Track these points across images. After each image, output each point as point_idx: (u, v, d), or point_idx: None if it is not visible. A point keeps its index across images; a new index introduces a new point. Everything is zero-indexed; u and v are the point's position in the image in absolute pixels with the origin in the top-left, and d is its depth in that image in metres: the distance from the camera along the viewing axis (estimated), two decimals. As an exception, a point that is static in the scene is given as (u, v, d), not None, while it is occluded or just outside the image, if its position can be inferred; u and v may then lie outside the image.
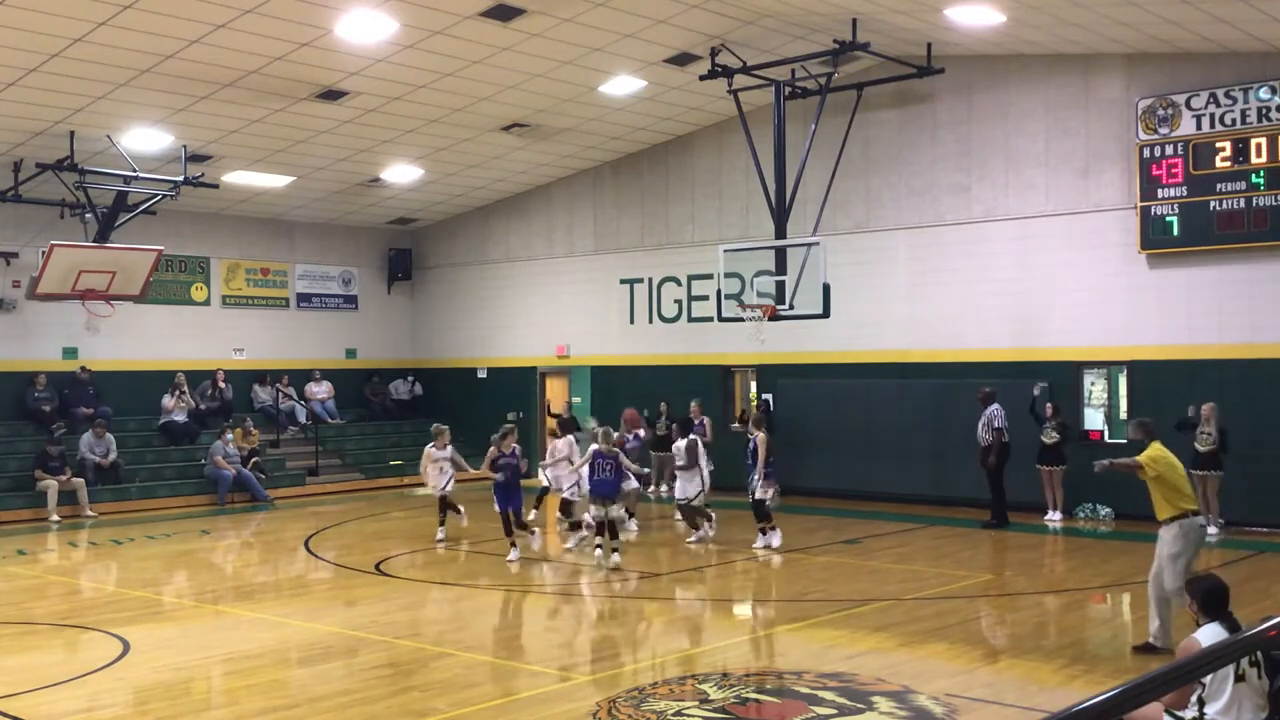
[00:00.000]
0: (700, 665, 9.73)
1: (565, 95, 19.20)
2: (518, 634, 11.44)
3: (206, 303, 24.52)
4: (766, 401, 20.99)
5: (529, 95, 18.96)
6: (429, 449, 16.49)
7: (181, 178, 19.53)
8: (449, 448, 16.36)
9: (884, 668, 9.14)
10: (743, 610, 12.43)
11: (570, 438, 16.97)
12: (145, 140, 19.04)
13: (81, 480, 19.88)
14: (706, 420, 19.94)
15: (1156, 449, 9.76)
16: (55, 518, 19.23)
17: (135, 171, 19.14)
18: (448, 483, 16.24)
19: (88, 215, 19.53)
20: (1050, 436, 17.26)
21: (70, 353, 22.39)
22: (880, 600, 12.03)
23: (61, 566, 15.80)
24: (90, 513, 19.62)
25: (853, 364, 20.26)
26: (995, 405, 17.17)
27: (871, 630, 10.61)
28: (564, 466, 16.46)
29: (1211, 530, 15.37)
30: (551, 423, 18.92)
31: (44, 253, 18.91)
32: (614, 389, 23.49)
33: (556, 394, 24.73)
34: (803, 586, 13.09)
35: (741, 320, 17.29)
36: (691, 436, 15.87)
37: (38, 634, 11.10)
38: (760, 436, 14.89)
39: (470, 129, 20.52)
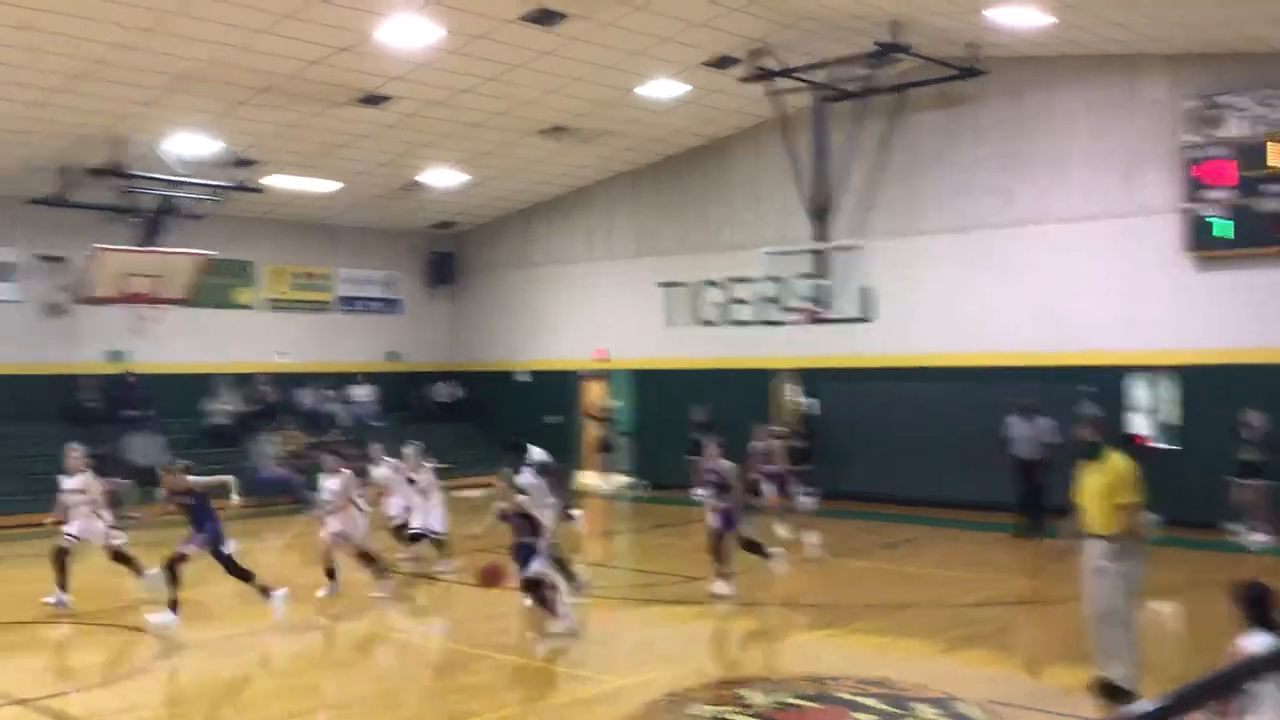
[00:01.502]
0: (741, 670, 9.70)
1: (605, 99, 19.24)
2: (560, 641, 11.44)
3: (250, 306, 24.80)
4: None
5: (569, 99, 19.02)
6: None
7: (226, 182, 19.77)
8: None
9: (925, 674, 9.08)
10: (782, 615, 12.39)
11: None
12: (191, 145, 19.26)
13: (129, 482, 20.12)
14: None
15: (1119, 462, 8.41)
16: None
17: (181, 176, 19.39)
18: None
19: (134, 220, 19.80)
20: (1253, 453, 15.55)
21: (116, 355, 22.69)
22: (921, 606, 11.95)
23: (110, 567, 15.98)
24: (135, 514, 19.86)
25: (893, 368, 20.13)
26: (1044, 418, 16.55)
27: (912, 636, 10.53)
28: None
29: (1260, 539, 15.14)
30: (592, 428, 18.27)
31: (91, 257, 19.18)
32: (653, 393, 23.51)
33: (595, 397, 24.78)
34: (842, 592, 13.02)
35: (782, 324, 17.22)
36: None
37: (89, 634, 11.24)
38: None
39: (511, 133, 20.61)
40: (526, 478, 12.59)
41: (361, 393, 25.58)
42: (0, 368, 21.38)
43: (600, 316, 24.85)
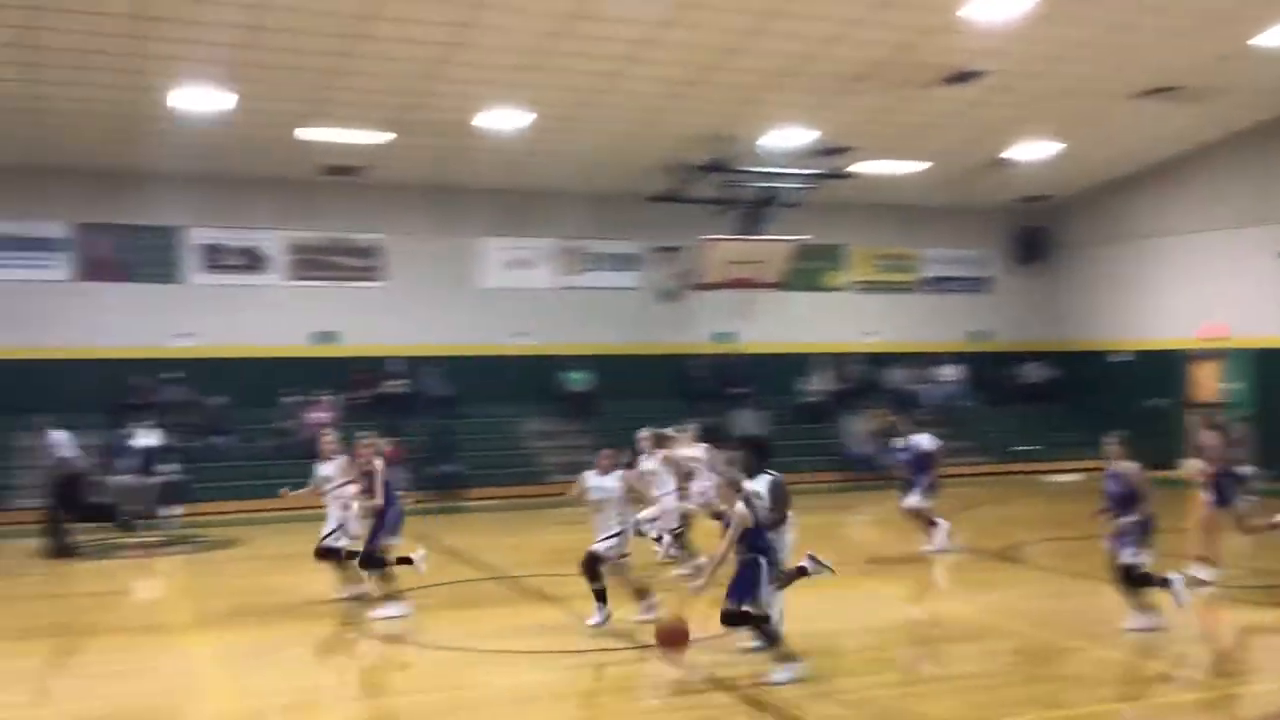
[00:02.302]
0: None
1: (1215, 52, 17.49)
2: (1155, 636, 10.71)
3: (840, 288, 25.76)
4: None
5: (1174, 56, 17.54)
6: None
7: (819, 170, 20.69)
8: None
9: None
10: None
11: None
12: (787, 137, 20.36)
13: (739, 454, 21.74)
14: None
15: None
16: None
17: (778, 168, 20.62)
18: None
19: (736, 211, 21.37)
20: None
21: (722, 337, 24.64)
22: None
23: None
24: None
25: None
26: None
27: None
28: None
29: None
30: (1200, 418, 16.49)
31: (700, 247, 20.99)
32: (1277, 375, 21.07)
33: (1207, 381, 22.68)
34: None
35: None
36: None
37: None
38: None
39: (1108, 98, 19.43)
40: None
41: (948, 372, 25.55)
42: (621, 348, 24.08)
43: (1210, 290, 22.70)
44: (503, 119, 19.04)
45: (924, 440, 14.49)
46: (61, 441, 15.62)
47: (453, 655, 9.40)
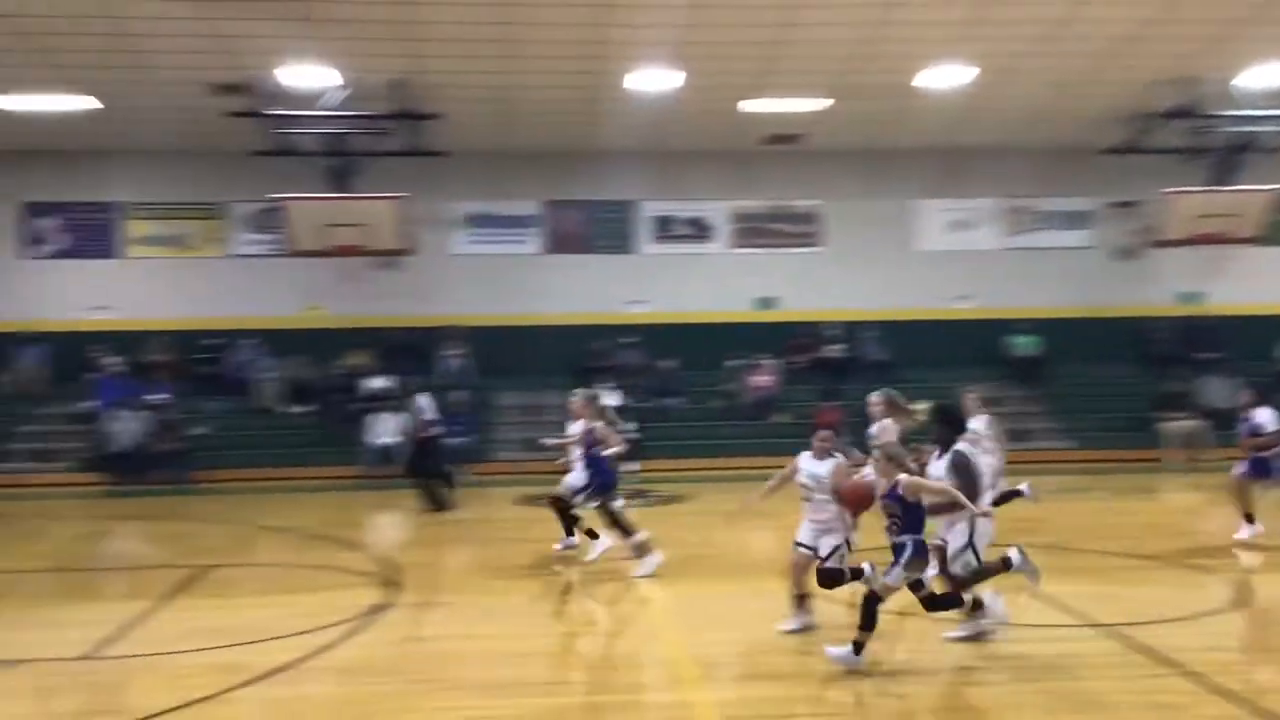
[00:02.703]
0: None
1: None
2: None
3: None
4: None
5: None
6: None
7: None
8: None
9: None
10: None
11: None
12: (1264, 76, 18.32)
13: (1206, 424, 20.01)
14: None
15: None
16: (1174, 459, 19.69)
17: (1253, 110, 18.62)
18: None
19: (1205, 160, 19.54)
20: None
21: (1189, 298, 22.69)
22: None
23: (1179, 506, 16.21)
24: (1207, 458, 19.73)
25: None
26: None
27: None
28: None
29: None
30: None
31: (1162, 200, 19.41)
32: None
33: None
34: None
35: None
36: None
37: (1155, 569, 11.60)
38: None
39: None
40: None
41: None
42: (1072, 310, 22.83)
43: None
44: (942, 76, 18.60)
45: None
46: (425, 407, 16.38)
47: (891, 622, 9.44)
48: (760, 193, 23.46)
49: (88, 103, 19.01)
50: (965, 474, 8.14)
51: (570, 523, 11.92)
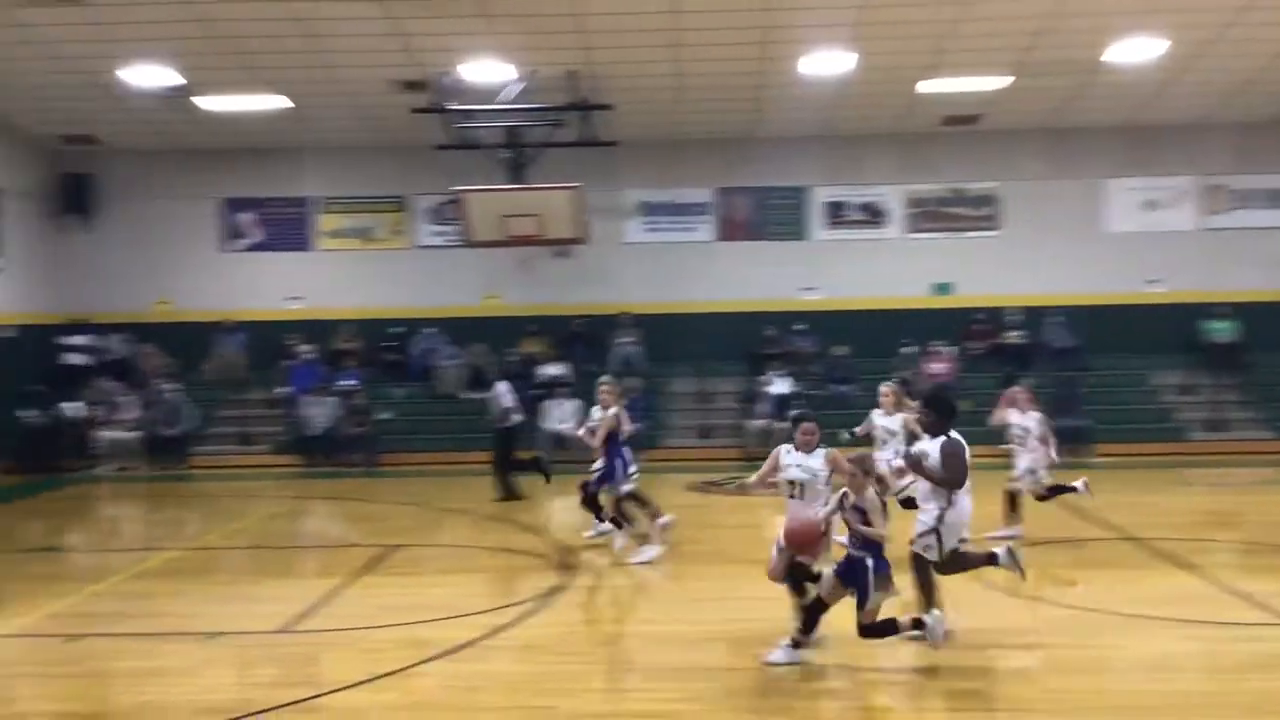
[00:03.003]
0: None
1: None
2: None
3: None
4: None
5: None
6: None
7: None
8: None
9: None
10: None
11: None
12: None
13: None
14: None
15: None
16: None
17: None
18: None
19: None
20: None
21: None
22: None
23: None
24: None
25: None
26: None
27: None
28: None
29: None
30: None
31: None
32: None
33: None
34: None
35: None
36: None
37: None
38: None
39: None
40: None
41: None
42: (1272, 294, 21.65)
43: None
44: (1132, 50, 17.78)
45: None
46: (504, 393, 16.14)
47: (1083, 615, 9.13)
48: (936, 176, 22.91)
49: (280, 102, 19.95)
50: (954, 460, 8.14)
51: (640, 508, 12.06)
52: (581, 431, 12.64)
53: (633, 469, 12.06)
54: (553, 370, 21.35)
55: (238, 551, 12.90)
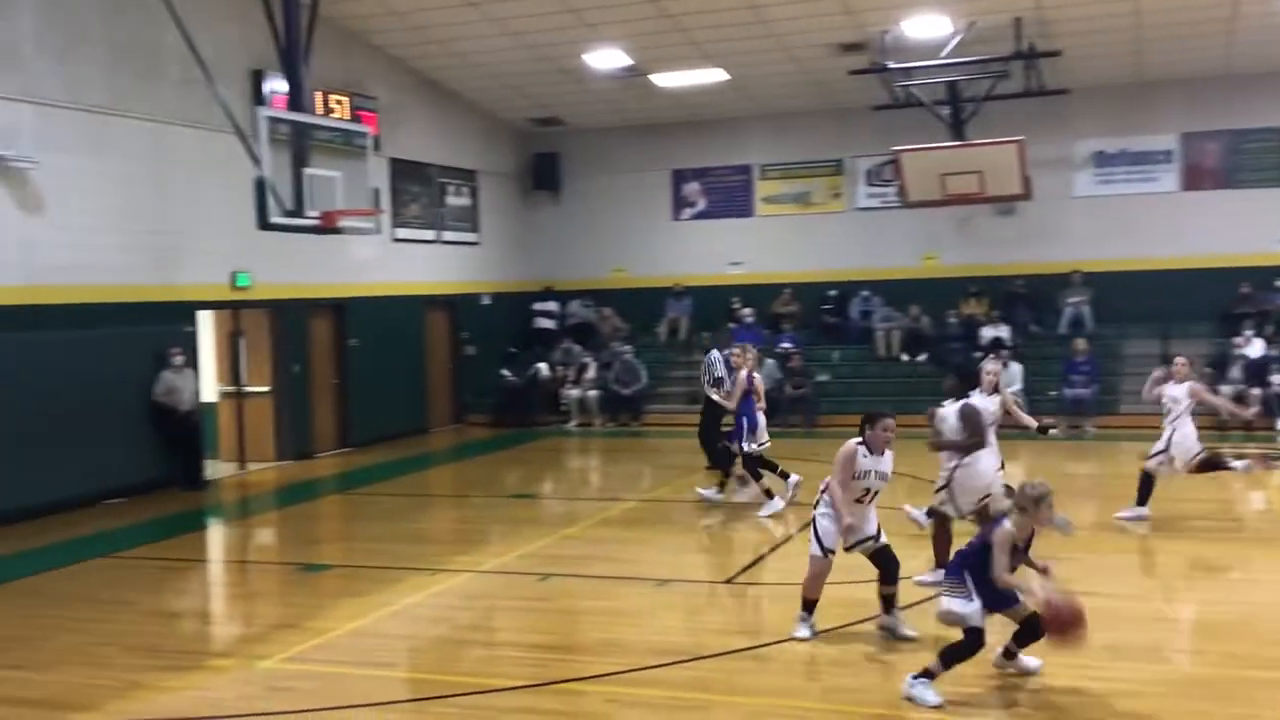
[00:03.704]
0: None
1: None
2: None
3: None
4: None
5: None
6: None
7: None
8: None
9: None
10: None
11: None
12: None
13: None
14: None
15: None
16: None
17: None
18: None
19: None
20: None
21: None
22: None
23: None
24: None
25: None
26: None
27: None
28: None
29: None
30: None
31: None
32: None
33: None
34: None
35: None
36: None
37: None
38: None
39: None
40: None
41: None
42: None
43: None
44: None
45: None
46: (715, 363, 14.40)
47: None
48: None
49: (717, 75, 20.67)
50: (971, 422, 9.13)
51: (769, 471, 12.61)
52: (718, 395, 13.39)
53: (764, 437, 12.73)
54: (993, 333, 20.65)
55: (688, 505, 13.65)
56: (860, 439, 7.97)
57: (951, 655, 6.67)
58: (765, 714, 6.74)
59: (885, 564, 7.97)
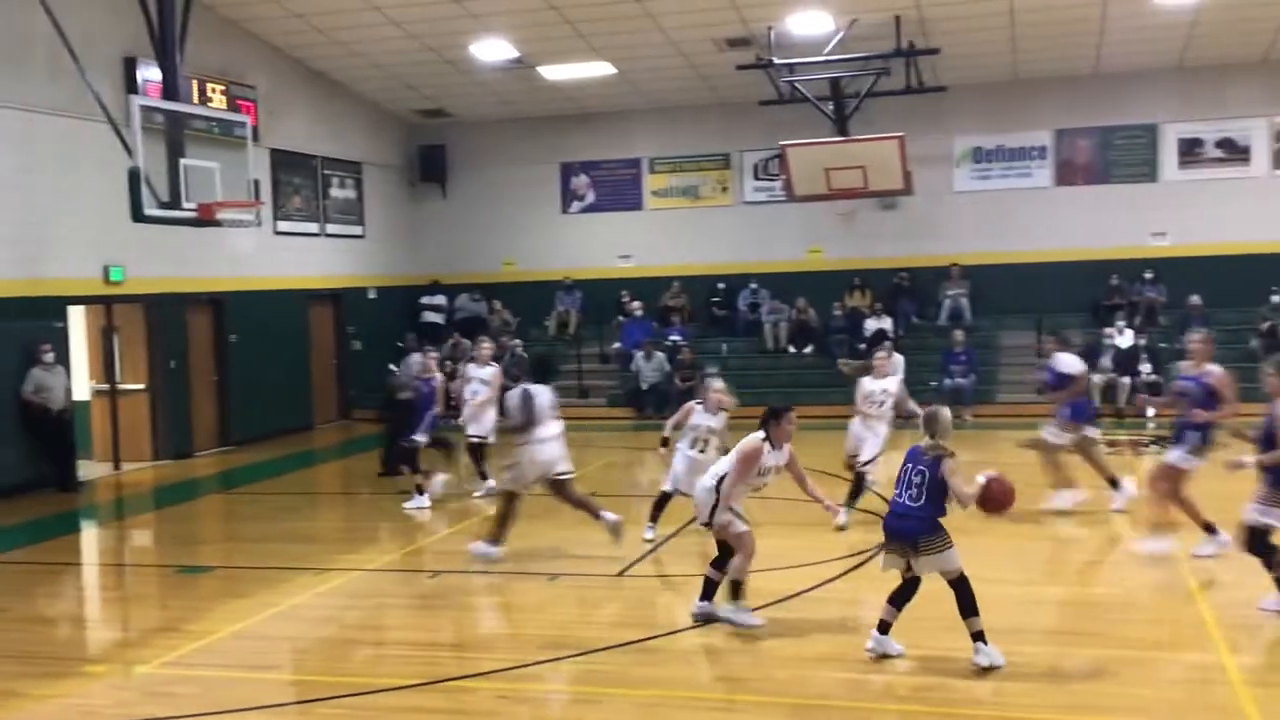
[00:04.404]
0: None
1: None
2: None
3: None
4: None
5: None
6: None
7: None
8: None
9: None
10: None
11: None
12: None
13: None
14: None
15: None
16: None
17: None
18: None
19: None
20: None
21: None
22: None
23: None
24: None
25: None
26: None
27: None
28: None
29: None
30: None
31: None
32: None
33: None
34: None
35: None
36: None
37: None
38: None
39: None
40: None
41: None
42: None
43: None
44: None
45: None
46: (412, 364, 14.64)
47: None
48: (1309, 105, 20.71)
49: (604, 69, 20.66)
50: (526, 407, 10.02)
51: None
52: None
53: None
54: (877, 324, 21.07)
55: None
56: (764, 434, 7.86)
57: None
58: (657, 705, 6.78)
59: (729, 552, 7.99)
